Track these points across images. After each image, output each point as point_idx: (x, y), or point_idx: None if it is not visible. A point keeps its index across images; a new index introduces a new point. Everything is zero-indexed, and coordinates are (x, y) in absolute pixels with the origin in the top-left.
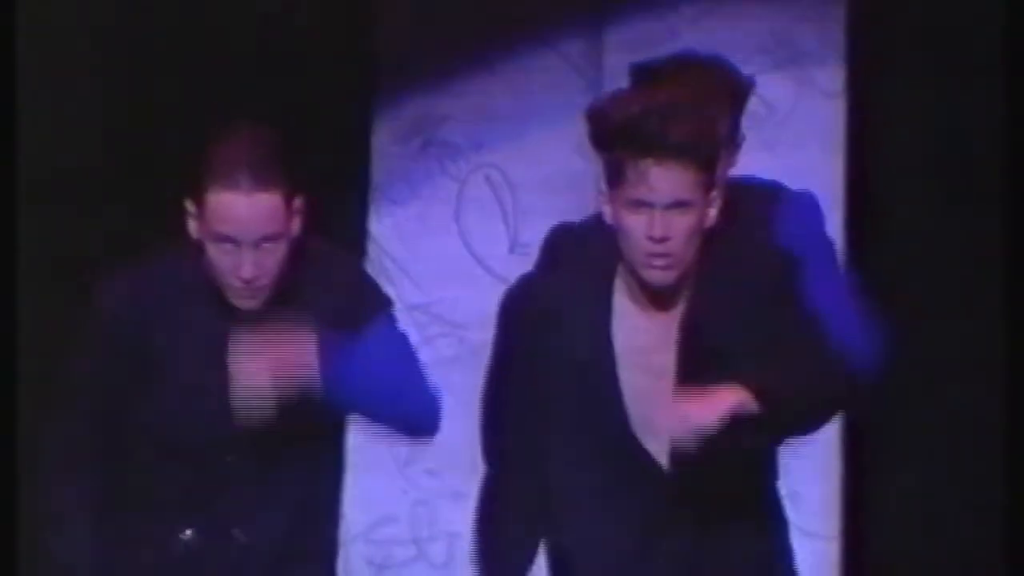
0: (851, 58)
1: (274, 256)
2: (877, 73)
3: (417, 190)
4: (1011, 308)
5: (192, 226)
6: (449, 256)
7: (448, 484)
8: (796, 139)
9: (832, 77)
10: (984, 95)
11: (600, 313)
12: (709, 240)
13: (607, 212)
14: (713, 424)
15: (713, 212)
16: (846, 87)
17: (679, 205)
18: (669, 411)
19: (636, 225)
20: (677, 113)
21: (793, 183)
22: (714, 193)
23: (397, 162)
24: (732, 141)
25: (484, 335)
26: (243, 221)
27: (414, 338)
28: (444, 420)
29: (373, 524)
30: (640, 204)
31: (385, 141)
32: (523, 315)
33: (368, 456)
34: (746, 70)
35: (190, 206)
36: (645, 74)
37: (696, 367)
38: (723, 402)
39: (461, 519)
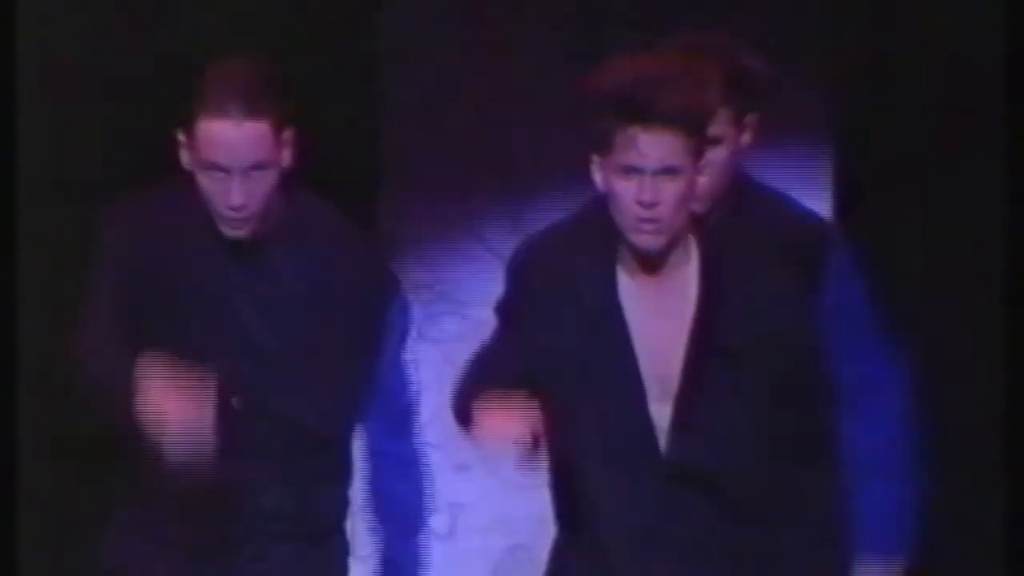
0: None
1: (263, 185)
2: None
3: (424, 172)
4: (1011, 307)
5: (184, 156)
6: (454, 236)
7: (450, 457)
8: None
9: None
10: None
11: (608, 273)
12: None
13: (597, 179)
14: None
15: (703, 180)
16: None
17: (668, 171)
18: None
19: (626, 190)
20: (666, 81)
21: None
22: (703, 161)
23: (405, 143)
24: (738, 122)
25: (486, 313)
26: (232, 148)
27: (420, 315)
28: (447, 394)
29: None
30: (630, 170)
31: (393, 120)
32: (533, 272)
33: None
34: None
35: (181, 135)
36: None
37: (705, 360)
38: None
39: (464, 490)
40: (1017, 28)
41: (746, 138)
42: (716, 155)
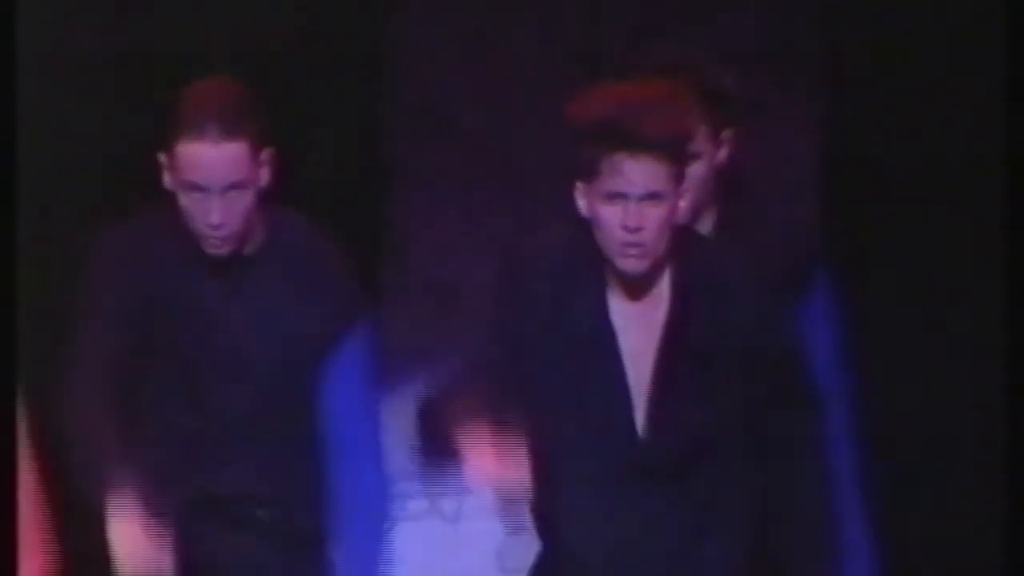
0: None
1: (241, 203)
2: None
3: (428, 169)
4: (1011, 309)
5: (166, 177)
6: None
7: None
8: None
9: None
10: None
11: (599, 294)
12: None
13: (582, 205)
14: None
15: (683, 204)
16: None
17: (652, 197)
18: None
19: (611, 216)
20: (651, 108)
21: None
22: (684, 185)
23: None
24: (715, 138)
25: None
26: (210, 169)
27: (429, 309)
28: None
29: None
30: (615, 196)
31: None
32: (524, 283)
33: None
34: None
35: (162, 157)
36: (634, 71)
37: (674, 364)
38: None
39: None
40: (1017, 27)
41: (723, 153)
42: (695, 170)
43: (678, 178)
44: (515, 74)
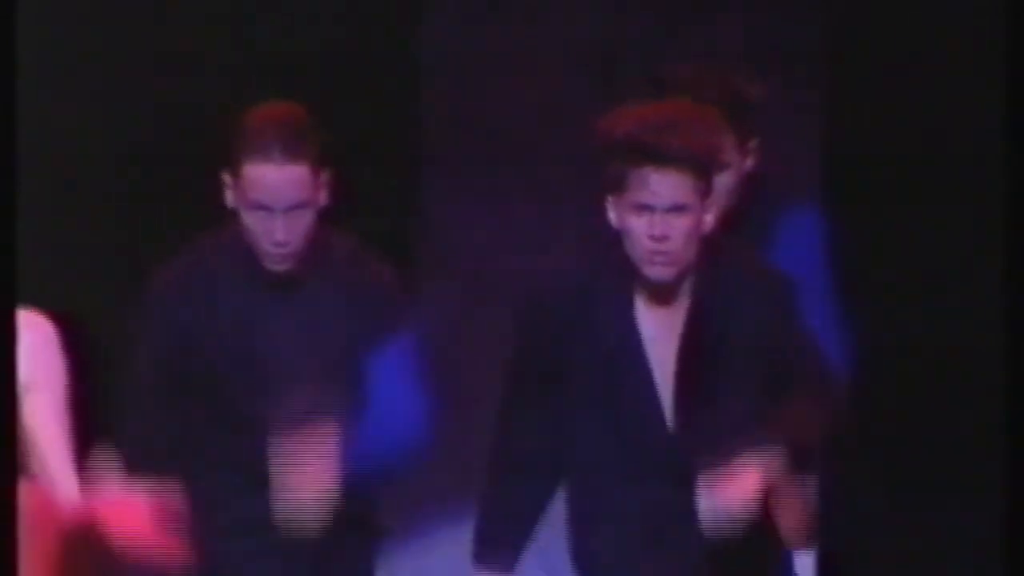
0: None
1: (303, 222)
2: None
3: (458, 162)
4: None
5: (229, 196)
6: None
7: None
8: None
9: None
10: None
11: (626, 300)
12: (715, 248)
13: (612, 217)
14: (744, 510)
15: (709, 218)
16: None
17: (677, 208)
18: (703, 500)
19: (639, 226)
20: (674, 126)
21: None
22: (710, 199)
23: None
24: (742, 148)
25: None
26: (275, 189)
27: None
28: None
29: None
30: (642, 208)
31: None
32: (553, 302)
33: None
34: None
35: (227, 177)
36: (659, 85)
37: (695, 365)
38: (750, 485)
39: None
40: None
41: (750, 163)
42: (724, 179)
43: (703, 191)
44: (539, 74)
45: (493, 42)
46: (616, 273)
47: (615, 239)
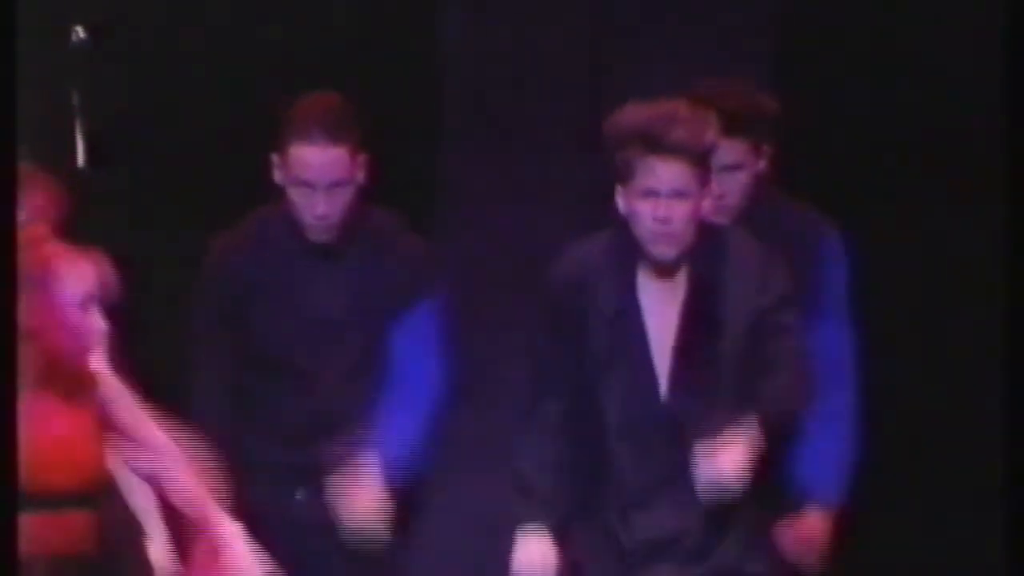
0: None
1: (343, 198)
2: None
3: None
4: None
5: (277, 174)
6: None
7: None
8: None
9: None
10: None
11: (630, 278)
12: (716, 233)
13: (620, 204)
14: (737, 477)
15: (707, 203)
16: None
17: (678, 194)
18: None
19: (645, 210)
20: (676, 121)
21: None
22: (709, 187)
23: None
24: (756, 151)
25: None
26: (316, 168)
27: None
28: None
29: None
30: (648, 193)
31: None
32: (569, 278)
33: None
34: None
35: (275, 158)
36: (692, 97)
37: (693, 337)
38: (740, 455)
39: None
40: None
41: (763, 164)
42: (738, 178)
43: (702, 180)
44: (545, 66)
45: (504, 37)
46: (623, 252)
47: (623, 223)
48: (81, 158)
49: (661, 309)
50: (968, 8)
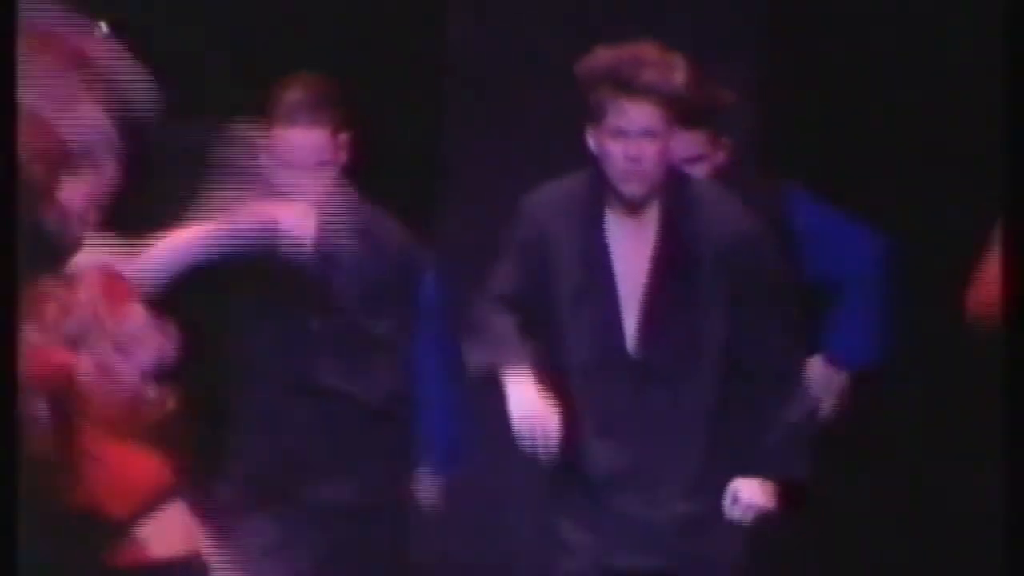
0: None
1: (325, 176)
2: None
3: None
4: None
5: (262, 158)
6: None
7: None
8: None
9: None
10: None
11: (597, 219)
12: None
13: (592, 143)
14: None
15: (673, 144)
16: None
17: (647, 133)
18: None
19: (615, 149)
20: (645, 63)
21: None
22: (676, 128)
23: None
24: (715, 142)
25: None
26: (300, 148)
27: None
28: None
29: None
30: (618, 133)
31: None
32: (537, 220)
33: None
34: None
35: (261, 140)
36: None
37: (663, 277)
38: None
39: None
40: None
41: (721, 156)
42: (698, 170)
43: (669, 121)
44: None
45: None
46: (590, 195)
47: (591, 168)
48: None
49: (631, 252)
50: None
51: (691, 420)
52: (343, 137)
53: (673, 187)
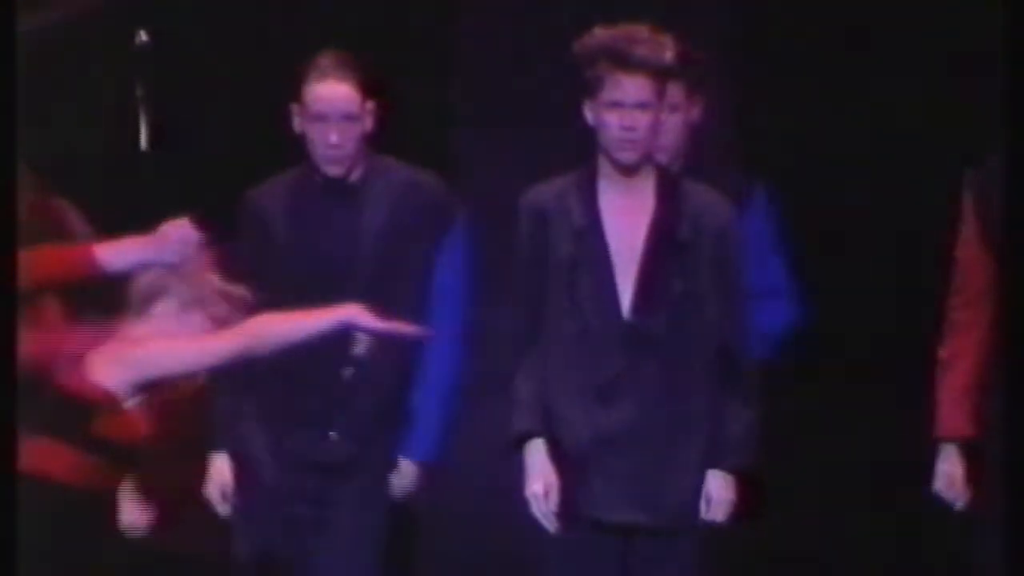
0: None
1: (353, 131)
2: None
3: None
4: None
5: (296, 122)
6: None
7: None
8: None
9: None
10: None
11: (592, 198)
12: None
13: (588, 116)
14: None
15: (664, 115)
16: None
17: (641, 105)
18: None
19: (611, 119)
20: (637, 39)
21: None
22: (670, 100)
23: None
24: (690, 96)
25: None
26: (330, 100)
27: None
28: None
29: None
30: (614, 104)
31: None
32: (535, 205)
33: None
34: None
35: (295, 107)
36: None
37: (658, 252)
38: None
39: None
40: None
41: (696, 112)
42: (672, 120)
43: (661, 94)
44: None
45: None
46: (585, 177)
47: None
48: (144, 142)
49: (626, 228)
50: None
51: (685, 386)
52: (370, 104)
53: (665, 176)
